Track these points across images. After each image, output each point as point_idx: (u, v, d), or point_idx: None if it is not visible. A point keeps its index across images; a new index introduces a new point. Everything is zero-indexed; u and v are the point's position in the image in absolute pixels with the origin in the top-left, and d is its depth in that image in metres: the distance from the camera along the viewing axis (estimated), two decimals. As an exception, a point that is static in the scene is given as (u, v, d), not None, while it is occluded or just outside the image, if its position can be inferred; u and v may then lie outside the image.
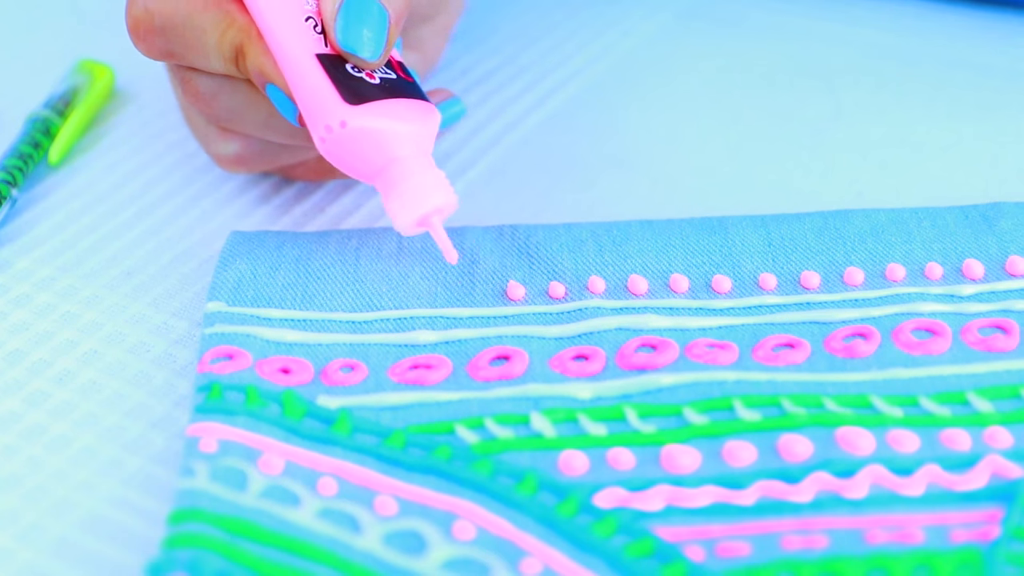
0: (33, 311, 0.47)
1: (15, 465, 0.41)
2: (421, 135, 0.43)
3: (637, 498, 0.38)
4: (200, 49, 0.44)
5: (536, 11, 0.63)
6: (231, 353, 0.42)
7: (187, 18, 0.44)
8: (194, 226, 0.51)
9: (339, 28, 0.43)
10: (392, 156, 0.43)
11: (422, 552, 0.36)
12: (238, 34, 0.44)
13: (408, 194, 0.43)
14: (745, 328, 0.43)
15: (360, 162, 0.43)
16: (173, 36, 0.44)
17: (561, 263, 0.46)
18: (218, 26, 0.44)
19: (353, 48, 0.43)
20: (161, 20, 0.44)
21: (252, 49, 0.43)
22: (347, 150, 0.43)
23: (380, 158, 0.43)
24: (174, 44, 0.44)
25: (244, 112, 0.46)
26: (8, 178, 0.51)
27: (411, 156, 0.43)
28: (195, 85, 0.46)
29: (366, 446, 0.39)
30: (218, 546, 0.36)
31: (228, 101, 0.46)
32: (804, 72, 0.58)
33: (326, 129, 0.42)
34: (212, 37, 0.44)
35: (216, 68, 0.45)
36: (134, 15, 0.45)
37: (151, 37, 0.45)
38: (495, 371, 0.42)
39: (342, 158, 0.43)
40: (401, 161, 0.43)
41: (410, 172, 0.43)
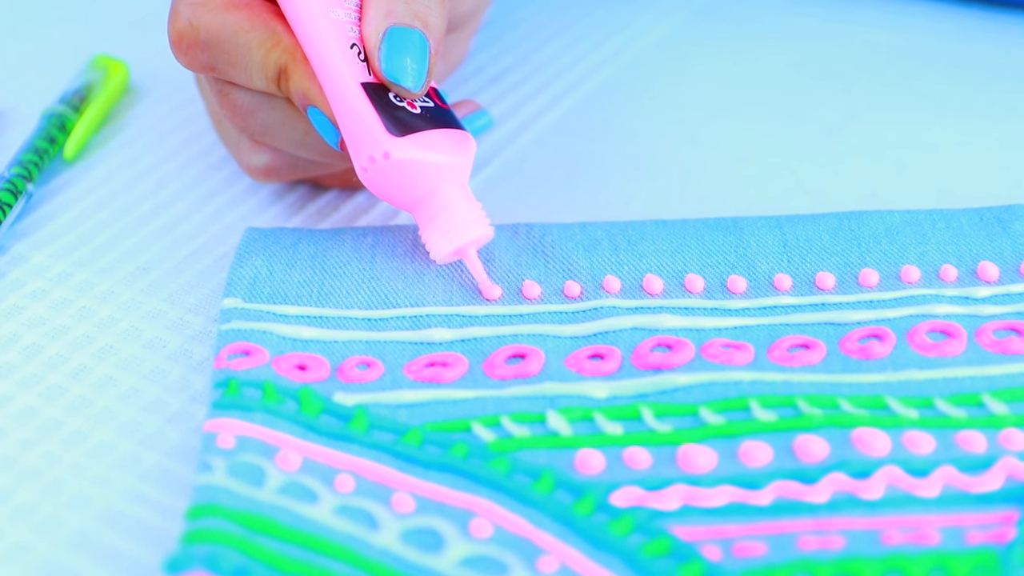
0: (49, 306, 0.47)
1: (32, 459, 0.41)
2: (460, 167, 0.44)
3: (654, 497, 0.38)
4: (243, 66, 0.44)
5: (551, 10, 0.63)
6: (248, 349, 0.42)
7: (233, 35, 0.44)
8: (209, 222, 0.51)
9: (383, 57, 0.43)
10: (432, 188, 0.43)
11: (439, 550, 0.36)
12: (283, 55, 0.44)
13: (446, 225, 0.44)
14: (760, 328, 0.43)
15: (400, 192, 0.44)
16: (217, 51, 0.44)
17: (576, 262, 0.46)
18: (263, 45, 0.44)
19: (397, 78, 0.43)
20: (206, 35, 0.44)
21: (296, 71, 0.43)
22: (388, 180, 0.43)
23: (420, 189, 0.43)
24: (217, 59, 0.44)
25: (280, 129, 0.46)
26: (24, 173, 0.51)
27: (450, 188, 0.44)
28: (233, 99, 0.46)
29: (383, 443, 0.40)
30: (236, 542, 0.36)
31: (265, 117, 0.46)
32: (818, 72, 0.58)
33: (369, 160, 0.43)
34: (257, 55, 0.44)
35: (258, 85, 0.45)
36: (178, 28, 0.44)
37: (194, 51, 0.45)
38: (511, 369, 0.42)
39: (382, 188, 0.44)
40: (440, 192, 0.43)
41: (449, 204, 0.44)
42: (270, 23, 0.44)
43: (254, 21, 0.44)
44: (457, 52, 0.53)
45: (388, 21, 0.43)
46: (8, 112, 0.58)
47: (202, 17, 0.44)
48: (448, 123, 0.44)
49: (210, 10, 0.44)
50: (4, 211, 0.50)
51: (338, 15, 0.43)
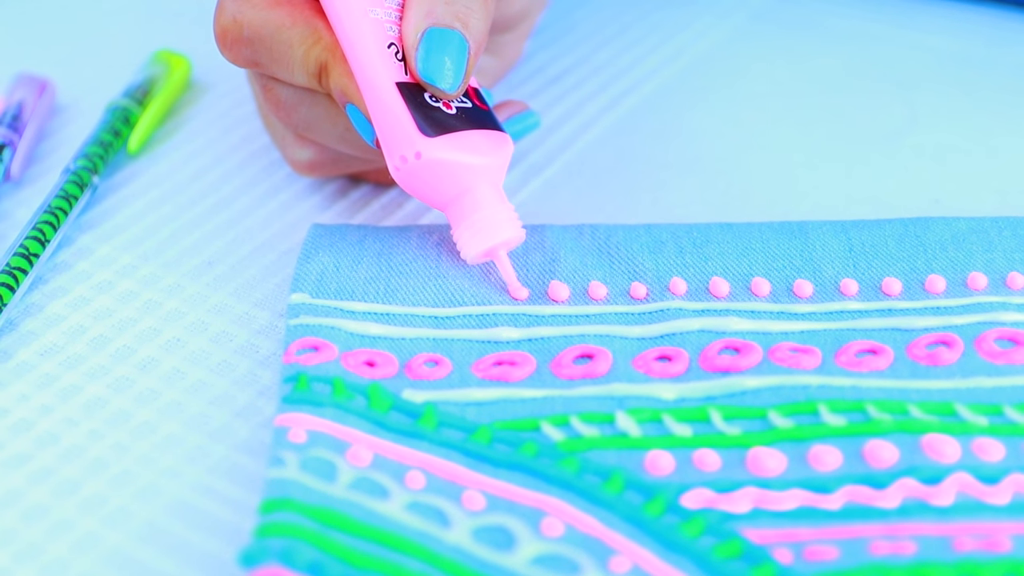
0: (115, 298, 0.47)
1: (101, 450, 0.42)
2: (494, 168, 0.44)
3: (724, 499, 0.38)
4: (285, 62, 0.45)
5: (610, 11, 0.63)
6: (317, 345, 0.42)
7: (275, 31, 0.44)
8: (273, 217, 0.51)
9: (420, 58, 0.43)
10: (465, 188, 0.44)
11: (511, 548, 0.37)
12: (323, 52, 0.44)
13: (477, 226, 0.44)
14: (827, 333, 0.43)
15: (433, 192, 0.44)
16: (260, 47, 0.45)
17: (642, 263, 0.46)
18: (305, 41, 0.44)
19: (433, 79, 0.43)
20: (249, 31, 0.45)
21: (336, 68, 0.44)
22: (421, 180, 0.43)
23: (453, 189, 0.44)
24: (260, 55, 0.45)
25: (322, 124, 0.47)
26: (89, 165, 0.52)
27: (484, 188, 0.44)
28: (276, 94, 0.46)
29: (452, 441, 0.40)
30: (310, 536, 0.36)
31: (308, 113, 0.46)
32: (878, 77, 0.58)
33: (401, 159, 0.43)
34: (298, 52, 0.44)
35: (299, 81, 0.45)
36: (222, 24, 0.45)
37: (238, 47, 0.45)
38: (579, 369, 0.42)
39: (415, 187, 0.44)
40: (473, 193, 0.44)
41: (481, 204, 0.44)
42: (312, 20, 0.44)
43: (296, 18, 0.44)
44: (511, 52, 0.53)
45: (427, 21, 0.43)
46: (71, 105, 0.58)
47: (246, 13, 0.45)
48: (485, 124, 0.44)
49: (254, 6, 0.45)
50: (71, 202, 0.50)
51: (377, 14, 0.43)
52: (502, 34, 0.51)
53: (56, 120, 0.57)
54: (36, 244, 0.48)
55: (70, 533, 0.39)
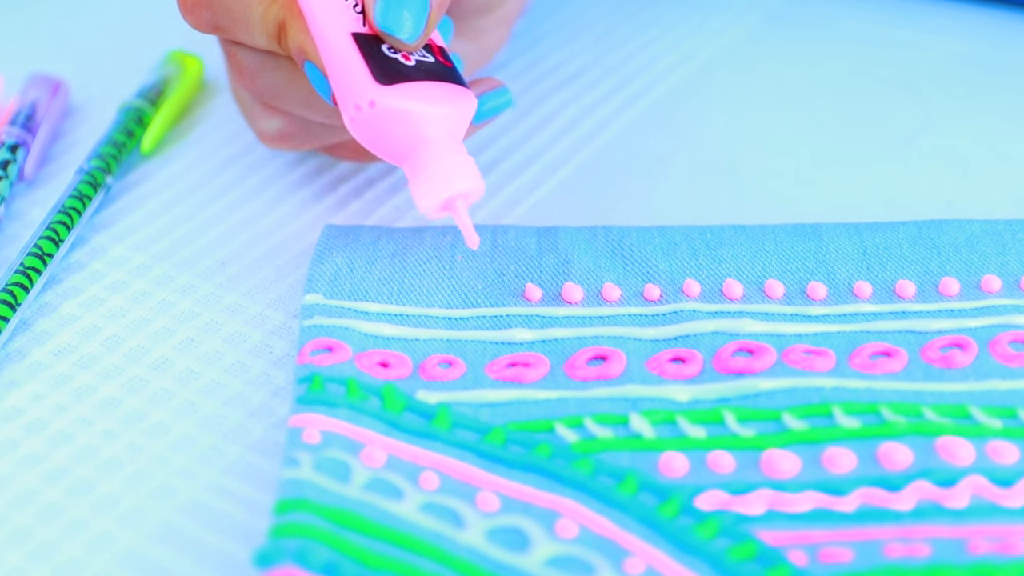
0: (129, 298, 0.48)
1: (116, 450, 0.42)
2: (452, 119, 0.43)
3: (738, 501, 0.38)
4: (245, 24, 0.45)
5: (625, 11, 0.63)
6: (331, 345, 0.43)
7: None
8: (287, 218, 0.51)
9: (378, 8, 0.43)
10: (421, 138, 0.43)
11: (526, 549, 0.37)
12: (281, 10, 0.44)
13: (433, 177, 0.43)
14: (841, 335, 0.43)
15: (389, 143, 0.43)
16: (220, 9, 0.45)
17: (656, 265, 0.46)
18: (263, 1, 0.44)
19: (391, 29, 0.43)
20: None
21: (293, 26, 0.44)
22: (376, 130, 0.43)
23: (408, 140, 0.43)
24: (220, 17, 0.45)
25: (285, 89, 0.46)
26: (103, 165, 0.52)
27: (440, 139, 0.43)
28: (240, 60, 0.47)
29: (466, 442, 0.40)
30: (324, 536, 0.36)
31: (270, 77, 0.46)
32: (892, 80, 0.58)
33: (355, 108, 0.42)
34: (256, 12, 0.44)
35: (260, 44, 0.45)
36: None
37: (199, 10, 0.45)
38: (593, 371, 0.42)
39: (371, 138, 0.43)
40: (429, 144, 0.43)
41: (437, 155, 0.43)
42: None
43: None
44: (489, 39, 0.53)
45: None
46: (84, 106, 0.58)
47: None
48: (445, 77, 0.44)
49: None
50: (84, 202, 0.50)
51: None
52: (477, 16, 0.51)
53: (69, 120, 0.57)
54: (50, 244, 0.48)
55: (85, 533, 0.39)
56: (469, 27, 0.51)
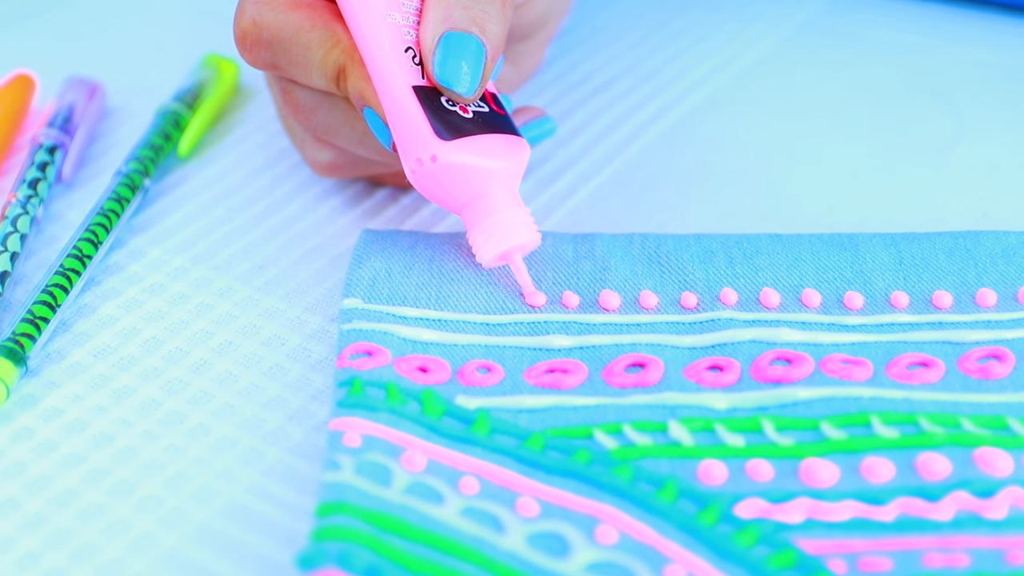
0: (168, 300, 0.48)
1: (156, 451, 0.42)
2: (510, 172, 0.44)
3: (778, 510, 0.38)
4: (304, 65, 0.45)
5: (657, 21, 0.63)
6: (370, 350, 0.43)
7: (294, 34, 0.45)
8: (324, 223, 0.51)
9: (437, 62, 0.43)
10: (480, 192, 0.44)
11: (566, 555, 0.37)
12: (342, 55, 0.44)
13: (492, 229, 0.44)
14: (878, 345, 0.43)
15: (449, 195, 0.44)
16: (279, 50, 0.45)
17: (693, 273, 0.46)
18: (323, 45, 0.44)
19: (449, 83, 0.43)
20: (269, 34, 0.45)
21: (354, 72, 0.44)
22: (436, 183, 0.44)
23: (468, 193, 0.44)
24: (279, 58, 0.45)
25: (340, 128, 0.47)
26: (141, 168, 0.52)
27: (498, 192, 0.44)
28: (296, 97, 0.47)
29: (506, 447, 0.40)
30: (366, 540, 0.36)
31: (326, 116, 0.47)
32: (924, 90, 0.58)
33: (417, 162, 0.43)
34: (317, 55, 0.45)
35: (318, 84, 0.45)
36: (242, 27, 0.46)
37: (257, 49, 0.46)
38: (631, 378, 0.42)
39: (431, 190, 0.44)
40: (488, 197, 0.44)
41: (496, 208, 0.44)
42: (331, 23, 0.45)
43: (315, 21, 0.45)
44: (530, 59, 0.53)
45: (445, 26, 0.43)
46: (121, 108, 0.58)
47: (265, 15, 0.45)
48: (501, 128, 0.44)
49: (273, 9, 0.45)
50: (123, 205, 0.50)
51: (395, 18, 0.44)
52: (520, 42, 0.52)
53: (106, 123, 0.58)
54: (89, 246, 0.48)
55: (127, 533, 0.39)
56: (511, 52, 0.52)
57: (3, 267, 0.47)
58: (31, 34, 0.64)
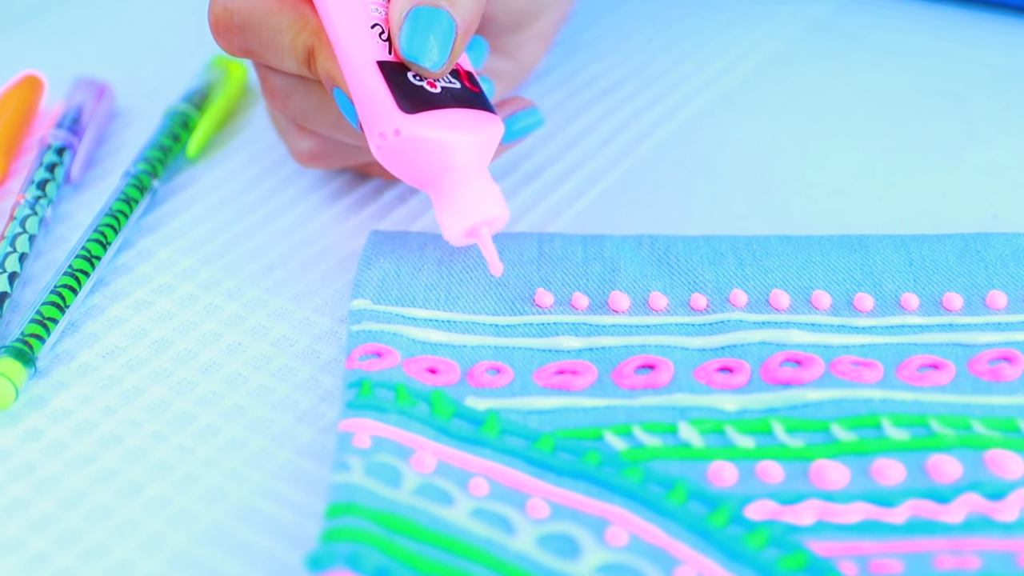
0: (176, 301, 0.48)
1: (165, 452, 0.42)
2: (477, 146, 0.44)
3: (788, 511, 0.38)
4: (275, 49, 0.45)
5: (665, 22, 0.63)
6: (379, 351, 0.43)
7: (264, 17, 0.45)
8: (332, 224, 0.51)
9: (404, 36, 0.43)
10: (445, 166, 0.43)
11: (576, 556, 0.37)
12: (310, 37, 0.44)
13: (458, 204, 0.43)
14: (889, 347, 0.43)
15: (414, 170, 0.44)
16: (251, 35, 0.45)
17: (702, 275, 0.46)
18: (292, 27, 0.45)
19: (415, 57, 0.43)
20: (240, 19, 0.45)
21: (321, 52, 0.44)
22: (401, 158, 0.43)
23: (433, 167, 0.43)
24: (251, 43, 0.46)
25: (316, 112, 0.47)
26: (149, 169, 0.52)
27: (465, 167, 0.43)
28: (272, 83, 0.47)
29: (515, 448, 0.40)
30: (376, 541, 0.36)
31: (301, 101, 0.47)
32: (934, 91, 0.58)
33: (380, 136, 0.43)
34: (286, 38, 0.45)
35: (290, 68, 0.46)
36: (215, 13, 0.46)
37: (230, 35, 0.46)
38: (641, 379, 0.42)
39: (397, 165, 0.44)
40: (454, 171, 0.43)
41: (462, 182, 0.43)
42: (299, 5, 0.45)
43: (283, 3, 0.45)
44: (526, 55, 0.53)
45: (414, 1, 0.43)
46: (129, 110, 0.59)
47: (236, 1, 0.45)
48: (471, 103, 0.44)
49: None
50: (131, 205, 0.50)
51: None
52: (513, 33, 0.51)
53: (115, 124, 0.58)
54: (98, 247, 0.48)
55: (135, 534, 0.39)
56: (504, 44, 0.52)
57: (12, 268, 0.47)
58: (39, 35, 0.64)
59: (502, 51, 0.52)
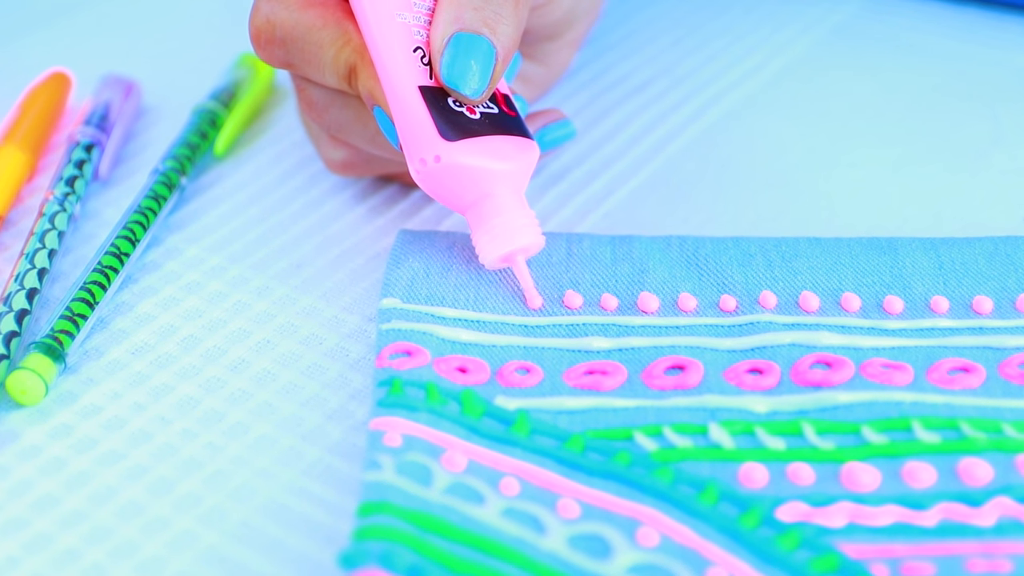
0: (205, 298, 0.48)
1: (195, 449, 0.42)
2: (515, 173, 0.44)
3: (819, 513, 0.38)
4: (316, 64, 0.45)
5: (692, 23, 0.63)
6: (409, 350, 0.43)
7: (306, 33, 0.45)
8: (360, 222, 0.51)
9: (444, 63, 0.43)
10: (484, 193, 0.44)
11: (608, 556, 0.37)
12: (352, 54, 0.44)
13: (495, 231, 0.44)
14: (919, 350, 0.43)
15: (452, 195, 0.44)
16: (292, 49, 0.45)
17: (731, 276, 0.46)
18: (334, 44, 0.45)
19: (456, 84, 0.43)
20: (282, 32, 0.45)
21: (364, 71, 0.44)
22: (440, 183, 0.44)
23: (472, 194, 0.44)
24: (292, 56, 0.46)
25: (353, 126, 0.47)
26: (177, 166, 0.52)
27: (503, 194, 0.44)
28: (309, 95, 0.47)
29: (545, 448, 0.40)
30: (408, 540, 0.36)
31: (339, 115, 0.47)
32: (961, 94, 0.58)
33: (420, 162, 0.43)
34: (328, 54, 0.45)
35: (330, 83, 0.46)
36: (256, 24, 0.46)
37: (271, 47, 0.46)
38: (671, 380, 0.42)
39: (435, 190, 0.44)
40: (492, 198, 0.44)
41: (499, 210, 0.44)
42: (342, 22, 0.45)
43: (327, 19, 0.45)
44: (557, 60, 0.53)
45: (455, 26, 0.43)
46: (157, 107, 0.59)
47: (279, 14, 0.45)
48: (510, 129, 0.44)
49: (287, 7, 0.45)
50: (160, 203, 0.51)
51: (405, 18, 0.44)
52: (547, 42, 0.52)
53: (142, 121, 0.58)
54: (127, 243, 0.48)
55: (166, 531, 0.40)
56: (538, 51, 0.52)
57: (41, 264, 0.47)
58: (67, 32, 0.64)
59: (534, 58, 0.52)
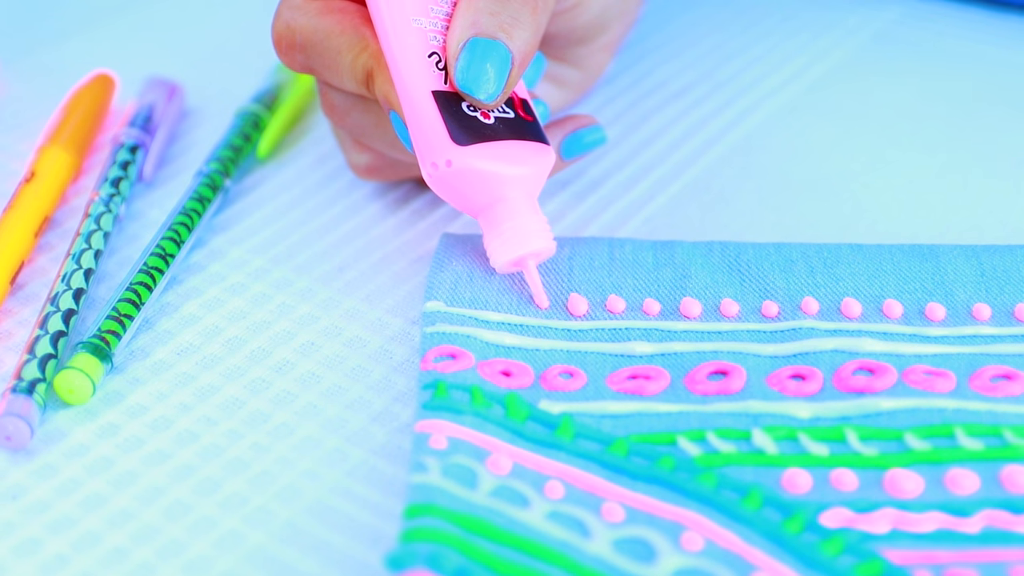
0: (249, 300, 0.48)
1: (240, 449, 0.42)
2: (527, 178, 0.44)
3: (863, 520, 0.38)
4: (335, 68, 0.46)
5: (732, 29, 0.63)
6: (454, 353, 0.43)
7: (325, 38, 0.46)
8: (402, 225, 0.52)
9: (459, 67, 0.43)
10: (496, 197, 0.44)
11: (652, 560, 0.37)
12: (370, 59, 0.45)
13: (507, 235, 0.44)
14: (961, 357, 0.43)
15: (465, 199, 0.44)
16: (312, 54, 0.46)
17: (773, 282, 0.46)
18: (352, 49, 0.45)
19: (470, 88, 0.43)
20: (301, 38, 0.46)
21: (380, 76, 0.45)
22: (452, 187, 0.44)
23: (484, 198, 0.44)
24: (312, 61, 0.46)
25: (373, 130, 0.48)
26: (221, 168, 0.53)
27: (515, 198, 0.44)
28: (331, 99, 0.48)
29: (590, 452, 0.40)
30: (454, 542, 0.36)
31: (359, 118, 0.48)
32: (1003, 100, 0.58)
33: (432, 166, 0.44)
34: (346, 59, 0.45)
35: (349, 87, 0.46)
36: (278, 30, 0.47)
37: (292, 52, 0.47)
38: (713, 385, 0.42)
39: (448, 193, 0.44)
40: (504, 202, 0.44)
41: (511, 214, 0.44)
42: (360, 28, 0.45)
43: (344, 25, 0.45)
44: (592, 64, 0.54)
45: (472, 31, 0.44)
46: (200, 109, 0.59)
47: (298, 20, 0.46)
48: (525, 134, 0.44)
49: (306, 13, 0.46)
50: (204, 204, 0.51)
51: (421, 23, 0.44)
52: (579, 46, 0.52)
53: (185, 123, 0.58)
54: (172, 244, 0.49)
55: (213, 531, 0.40)
56: (571, 55, 0.52)
57: (87, 264, 0.48)
58: (111, 35, 0.64)
59: (569, 61, 0.52)
